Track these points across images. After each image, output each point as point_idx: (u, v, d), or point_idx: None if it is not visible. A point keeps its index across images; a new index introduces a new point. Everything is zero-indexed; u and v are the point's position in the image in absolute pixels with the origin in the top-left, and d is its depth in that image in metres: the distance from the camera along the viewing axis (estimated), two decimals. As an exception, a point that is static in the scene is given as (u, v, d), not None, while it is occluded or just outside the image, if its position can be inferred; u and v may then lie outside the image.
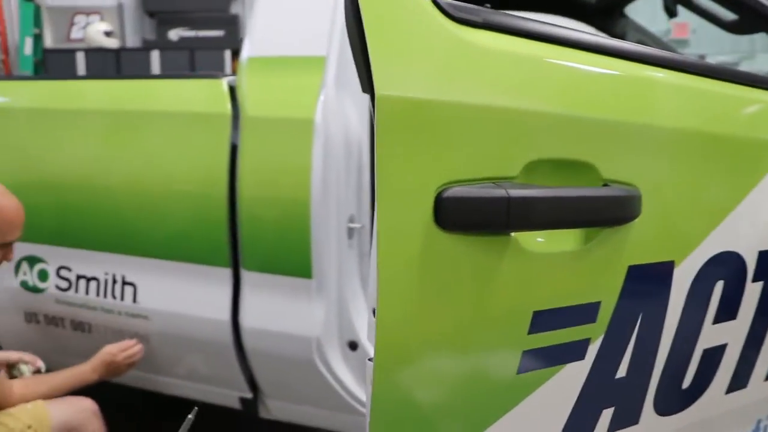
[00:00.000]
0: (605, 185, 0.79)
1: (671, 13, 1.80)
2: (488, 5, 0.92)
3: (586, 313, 0.81)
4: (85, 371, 1.68)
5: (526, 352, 0.77)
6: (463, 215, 0.69)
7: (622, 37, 2.16)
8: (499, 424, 0.78)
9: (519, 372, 0.78)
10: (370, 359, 0.75)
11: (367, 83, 0.68)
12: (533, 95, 0.77)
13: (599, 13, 2.21)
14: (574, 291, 0.80)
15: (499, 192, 0.69)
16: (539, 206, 0.71)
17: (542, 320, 0.77)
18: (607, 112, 0.81)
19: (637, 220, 0.82)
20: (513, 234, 0.72)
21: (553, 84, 0.79)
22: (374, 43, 0.67)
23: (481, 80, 0.74)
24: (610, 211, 0.78)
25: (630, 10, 2.45)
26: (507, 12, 0.81)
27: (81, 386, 1.67)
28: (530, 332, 0.77)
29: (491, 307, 0.75)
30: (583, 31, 0.84)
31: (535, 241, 0.77)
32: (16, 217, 1.53)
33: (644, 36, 2.34)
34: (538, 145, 0.75)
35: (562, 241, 0.80)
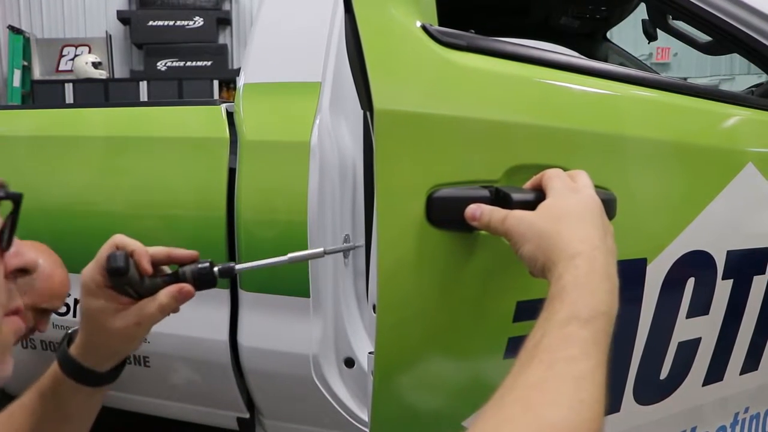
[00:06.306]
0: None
1: (651, 36, 1.83)
2: (472, 31, 1.01)
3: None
4: None
5: (512, 339, 0.84)
6: (451, 213, 0.76)
7: (604, 60, 2.22)
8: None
9: (505, 357, 0.85)
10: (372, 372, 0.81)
11: (366, 100, 0.76)
12: (511, 108, 0.85)
13: (582, 38, 2.30)
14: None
15: (483, 193, 0.77)
16: (519, 206, 0.76)
17: (525, 310, 0.83)
18: (579, 123, 0.89)
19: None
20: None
21: (528, 98, 0.87)
22: (372, 65, 0.75)
23: (465, 96, 0.83)
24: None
25: (613, 35, 2.55)
26: (488, 37, 0.90)
27: None
28: (515, 321, 0.83)
29: (479, 298, 0.82)
30: (555, 51, 0.93)
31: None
32: (59, 288, 1.53)
33: (625, 59, 2.41)
34: (516, 153, 0.83)
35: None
